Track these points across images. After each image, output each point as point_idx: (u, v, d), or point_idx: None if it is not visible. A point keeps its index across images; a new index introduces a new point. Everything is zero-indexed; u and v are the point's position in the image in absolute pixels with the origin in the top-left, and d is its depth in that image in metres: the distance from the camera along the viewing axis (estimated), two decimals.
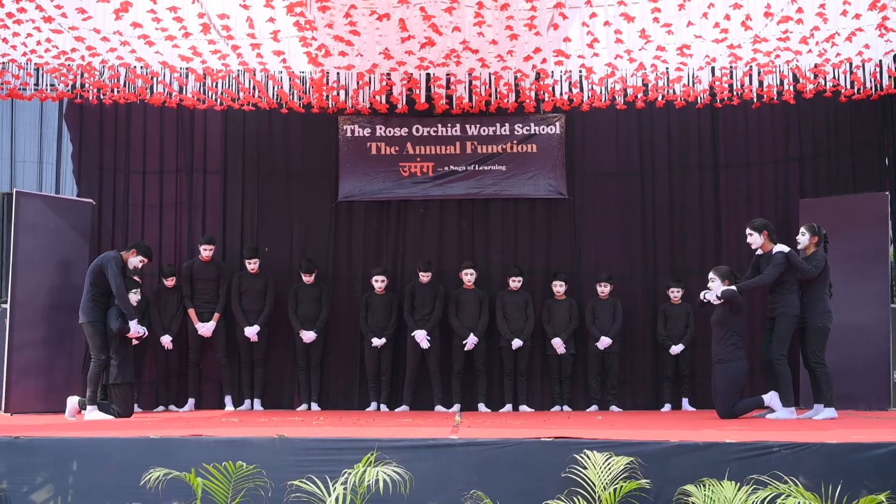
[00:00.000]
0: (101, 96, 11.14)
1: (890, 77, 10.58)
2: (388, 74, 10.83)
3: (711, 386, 9.79)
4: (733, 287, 9.50)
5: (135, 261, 10.18)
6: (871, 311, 11.29)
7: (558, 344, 11.97)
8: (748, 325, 11.55)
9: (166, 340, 11.84)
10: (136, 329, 9.99)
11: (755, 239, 9.75)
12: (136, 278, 10.57)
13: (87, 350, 11.25)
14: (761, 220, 9.89)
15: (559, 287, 12.09)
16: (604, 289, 12.04)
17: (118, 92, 11.03)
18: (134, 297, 10.15)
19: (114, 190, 12.57)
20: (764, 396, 9.57)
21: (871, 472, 5.96)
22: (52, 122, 12.59)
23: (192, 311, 11.88)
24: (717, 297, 9.54)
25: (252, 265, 12.01)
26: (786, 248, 9.51)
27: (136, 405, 10.80)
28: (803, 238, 9.75)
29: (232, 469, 5.89)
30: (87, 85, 10.99)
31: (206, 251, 11.89)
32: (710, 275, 9.74)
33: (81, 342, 11.32)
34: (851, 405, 10.92)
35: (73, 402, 10.06)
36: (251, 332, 11.88)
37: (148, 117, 12.61)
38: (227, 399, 12.00)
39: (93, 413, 9.78)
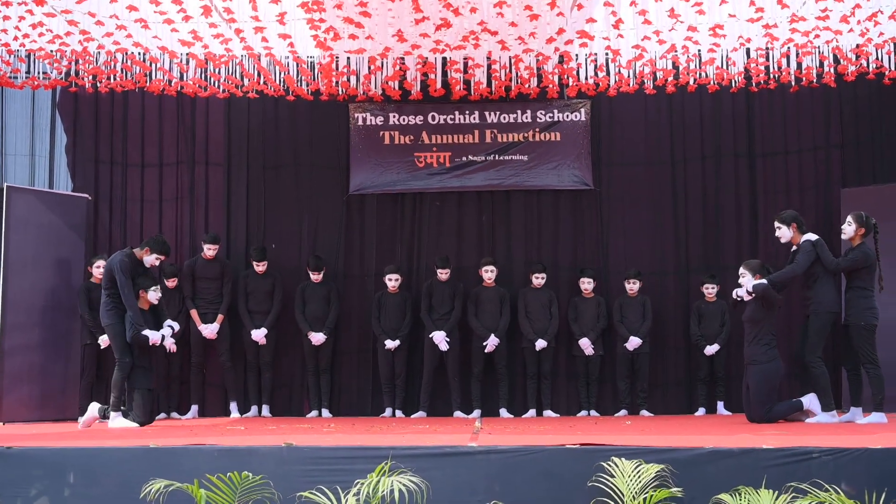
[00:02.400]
0: (97, 84, 11.19)
1: None
2: (402, 59, 10.85)
3: (743, 389, 9.76)
4: (764, 281, 9.45)
5: (150, 259, 10.01)
6: None
7: (586, 344, 11.98)
8: (785, 324, 11.52)
9: (170, 343, 11.86)
10: (153, 337, 9.85)
11: (784, 232, 9.70)
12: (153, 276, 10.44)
13: (85, 355, 11.34)
14: (790, 212, 9.84)
15: (587, 284, 12.10)
16: (632, 286, 12.04)
17: (115, 79, 11.07)
18: (154, 294, 9.98)
19: (111, 184, 12.61)
20: (802, 399, 9.53)
21: None
22: (45, 111, 12.63)
23: (194, 312, 11.91)
24: (748, 292, 9.50)
25: (260, 267, 12.05)
26: (814, 237, 9.47)
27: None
28: (849, 228, 9.62)
29: (237, 480, 5.90)
30: (81, 72, 11.03)
31: (209, 250, 11.90)
32: (741, 270, 9.69)
33: (78, 346, 11.39)
34: None
35: (93, 409, 9.90)
36: (258, 335, 11.92)
37: (146, 106, 12.66)
38: (233, 405, 12.03)
39: (117, 420, 9.66)
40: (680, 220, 12.63)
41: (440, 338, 11.86)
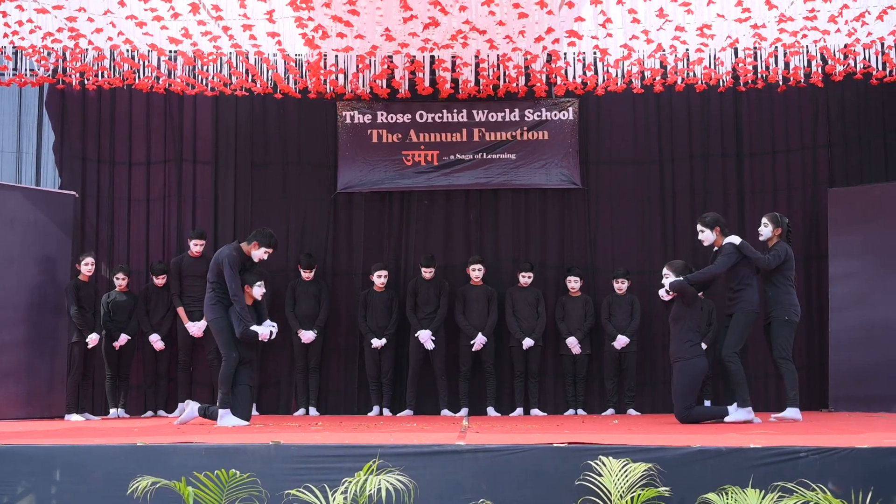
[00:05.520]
0: (85, 81, 11.16)
1: None
2: (390, 57, 10.85)
3: (672, 387, 9.75)
4: (681, 278, 9.46)
5: (258, 253, 9.70)
6: None
7: (573, 343, 11.99)
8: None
9: (155, 339, 11.86)
10: (262, 332, 9.55)
11: (707, 235, 9.67)
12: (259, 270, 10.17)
13: (72, 353, 11.28)
14: (713, 216, 9.82)
15: (574, 283, 12.11)
16: (620, 285, 12.05)
17: (103, 76, 11.04)
18: (259, 290, 9.76)
19: (98, 182, 12.57)
20: (728, 408, 9.49)
21: None
22: (32, 109, 12.59)
23: (181, 310, 11.88)
24: (666, 291, 9.50)
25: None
26: (737, 240, 9.46)
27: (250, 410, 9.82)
28: (766, 230, 9.70)
29: (224, 478, 5.89)
30: (69, 69, 11.01)
31: (196, 246, 11.89)
32: (665, 270, 9.63)
33: (65, 343, 11.36)
34: (884, 407, 10.91)
35: (192, 409, 9.68)
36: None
37: (134, 104, 12.62)
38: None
39: (226, 418, 9.29)
40: (667, 220, 12.64)
41: (425, 337, 11.86)
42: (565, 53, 11.06)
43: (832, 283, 11.70)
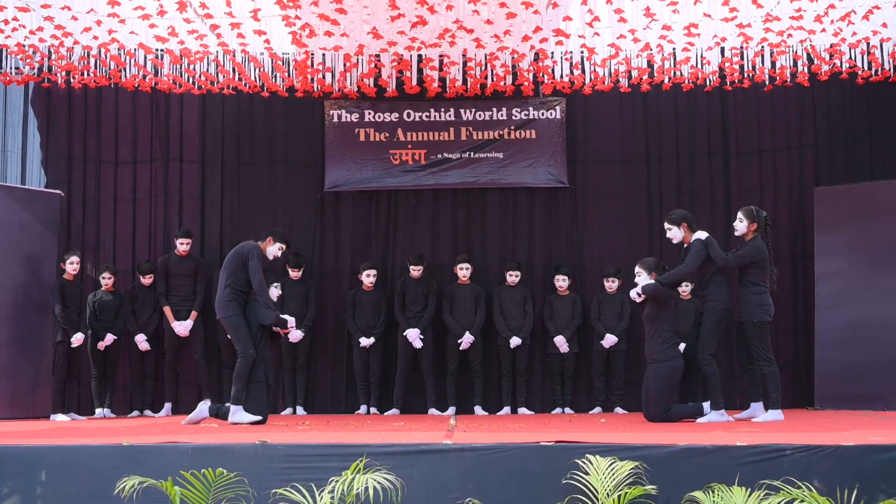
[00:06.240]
0: (70, 80, 11.13)
1: None
2: (378, 56, 10.85)
3: (643, 387, 9.73)
4: (653, 281, 9.46)
5: (273, 249, 9.66)
6: (892, 306, 11.26)
7: (561, 342, 12.00)
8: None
9: (141, 339, 11.84)
10: (291, 321, 9.56)
11: (675, 233, 9.63)
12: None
13: (56, 353, 11.24)
14: (679, 212, 9.80)
15: (562, 282, 12.12)
16: (612, 284, 12.05)
17: (89, 75, 11.02)
18: (275, 291, 9.75)
19: (84, 181, 12.55)
20: (704, 404, 9.51)
21: (889, 475, 5.96)
22: (17, 107, 12.53)
23: (167, 309, 11.86)
24: (637, 293, 9.51)
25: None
26: (703, 235, 9.42)
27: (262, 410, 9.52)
28: (741, 224, 9.54)
29: (211, 477, 5.88)
30: (54, 68, 10.98)
31: (182, 245, 11.87)
32: (637, 269, 9.66)
33: (50, 343, 11.32)
34: (869, 405, 10.95)
35: (201, 407, 9.52)
36: None
37: (120, 103, 12.59)
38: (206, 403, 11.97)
39: (237, 415, 9.19)
40: (655, 219, 12.63)
41: (413, 335, 11.86)
42: (552, 52, 11.06)
43: (818, 282, 11.74)
